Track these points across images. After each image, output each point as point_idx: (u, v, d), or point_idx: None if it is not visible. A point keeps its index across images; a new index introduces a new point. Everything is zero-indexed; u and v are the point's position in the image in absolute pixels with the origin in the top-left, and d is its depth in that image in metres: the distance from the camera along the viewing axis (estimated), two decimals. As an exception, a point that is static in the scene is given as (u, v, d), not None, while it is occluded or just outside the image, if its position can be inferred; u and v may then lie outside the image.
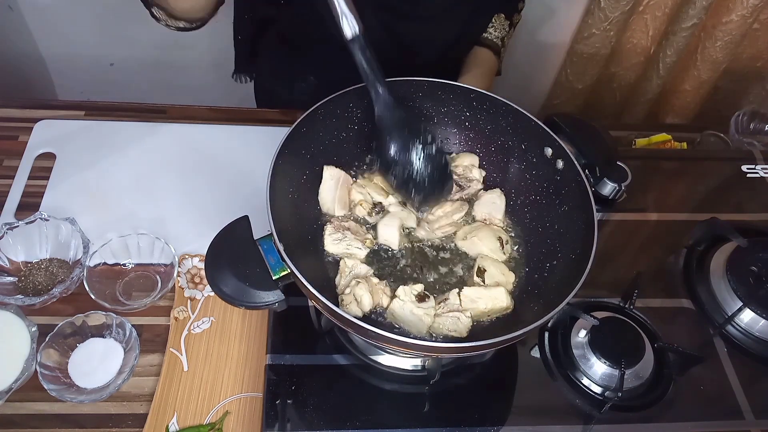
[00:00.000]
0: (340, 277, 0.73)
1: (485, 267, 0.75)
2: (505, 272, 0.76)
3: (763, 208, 1.01)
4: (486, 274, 0.74)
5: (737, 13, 1.44)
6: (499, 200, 0.82)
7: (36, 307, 0.82)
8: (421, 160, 0.75)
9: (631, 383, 0.77)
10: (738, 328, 0.85)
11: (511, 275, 0.76)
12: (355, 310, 0.69)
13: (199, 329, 0.83)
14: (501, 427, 0.74)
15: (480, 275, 0.75)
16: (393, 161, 0.76)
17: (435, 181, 0.77)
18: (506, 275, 0.76)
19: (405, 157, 0.75)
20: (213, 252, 0.66)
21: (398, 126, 0.75)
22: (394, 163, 0.76)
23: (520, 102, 0.80)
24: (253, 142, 1.04)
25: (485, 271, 0.75)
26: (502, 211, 0.82)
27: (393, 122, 0.74)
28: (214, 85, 1.62)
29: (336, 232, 0.76)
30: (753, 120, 1.17)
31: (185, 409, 0.76)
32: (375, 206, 0.80)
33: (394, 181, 0.78)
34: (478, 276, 0.75)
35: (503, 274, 0.75)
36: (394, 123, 0.75)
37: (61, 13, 1.53)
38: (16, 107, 1.06)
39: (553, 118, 0.84)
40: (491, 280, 0.74)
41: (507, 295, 0.72)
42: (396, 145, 0.75)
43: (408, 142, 0.75)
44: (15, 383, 0.74)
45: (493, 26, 1.13)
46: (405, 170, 0.76)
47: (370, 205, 0.80)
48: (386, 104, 0.73)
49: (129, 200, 0.96)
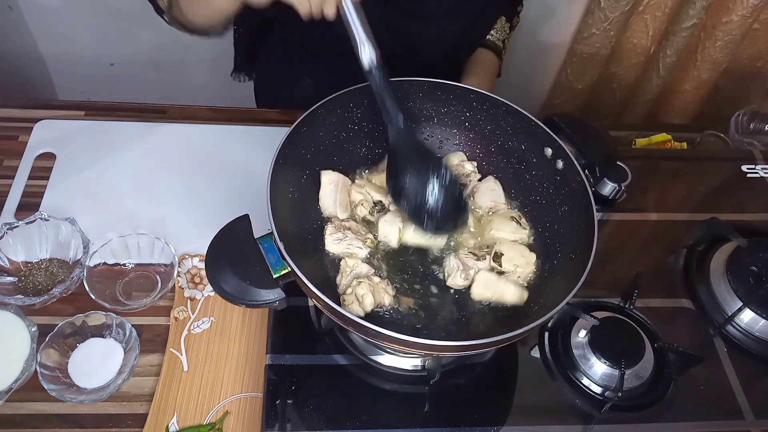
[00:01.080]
0: (341, 277, 0.73)
1: (502, 251, 0.75)
2: (525, 253, 0.76)
3: (763, 208, 1.01)
4: (503, 258, 0.74)
5: (737, 13, 1.44)
6: (496, 186, 0.83)
7: (36, 307, 0.82)
8: (435, 190, 0.73)
9: (631, 383, 0.77)
10: (738, 328, 0.85)
11: (532, 255, 0.76)
12: (357, 310, 0.69)
13: (199, 329, 0.83)
14: (501, 427, 0.74)
15: (497, 260, 0.75)
16: (405, 190, 0.74)
17: (449, 212, 0.75)
18: (526, 256, 0.75)
19: (418, 187, 0.73)
20: (214, 250, 0.66)
21: (412, 155, 0.74)
22: (406, 192, 0.74)
23: (520, 102, 0.80)
24: (253, 142, 1.04)
25: (502, 255, 0.75)
26: (502, 195, 0.82)
27: (407, 150, 0.74)
28: (214, 85, 1.63)
29: (336, 232, 0.76)
30: (753, 120, 1.17)
31: (185, 409, 0.76)
32: (376, 205, 0.80)
33: (406, 209, 0.75)
34: (495, 261, 0.75)
35: (522, 255, 0.75)
36: (408, 151, 0.74)
37: (61, 13, 1.53)
38: (16, 107, 1.06)
39: (553, 118, 0.84)
40: (509, 263, 0.74)
41: (517, 292, 0.72)
42: (409, 174, 0.74)
43: (421, 172, 0.73)
44: (15, 383, 0.74)
45: (495, 28, 1.14)
46: (417, 199, 0.74)
47: (371, 205, 0.80)
48: (400, 133, 0.73)
49: (129, 200, 0.96)
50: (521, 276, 0.74)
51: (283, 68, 1.20)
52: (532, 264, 0.76)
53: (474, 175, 0.84)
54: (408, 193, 0.74)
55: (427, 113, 0.85)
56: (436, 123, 0.85)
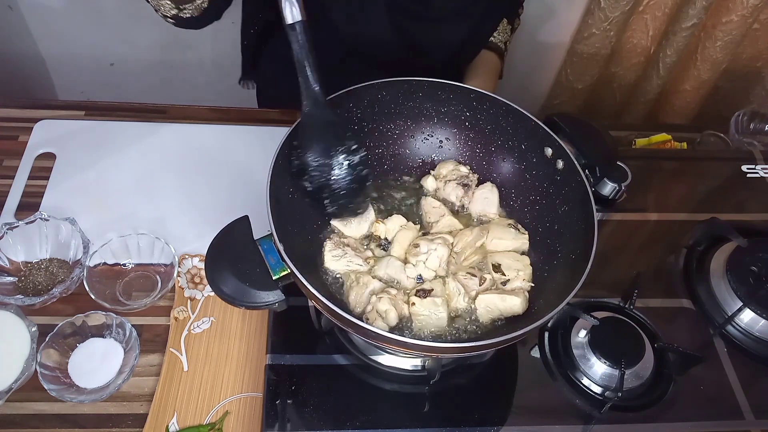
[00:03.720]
0: (354, 295, 0.72)
1: (498, 262, 0.75)
2: (518, 257, 0.76)
3: (763, 208, 1.01)
4: (503, 267, 0.74)
5: (737, 13, 1.44)
6: (491, 194, 0.82)
7: (36, 307, 0.82)
8: (343, 168, 0.70)
9: (631, 383, 0.77)
10: (738, 328, 0.85)
11: (525, 258, 0.76)
12: (382, 326, 0.68)
13: (199, 329, 0.83)
14: (501, 427, 0.74)
15: (497, 270, 0.74)
16: (311, 164, 0.70)
17: (351, 194, 0.72)
18: (521, 259, 0.76)
19: (323, 164, 0.70)
20: (213, 252, 0.66)
21: (324, 127, 0.70)
22: (309, 169, 0.70)
23: (520, 102, 0.80)
24: (253, 142, 1.04)
25: (500, 265, 0.75)
26: (496, 204, 0.82)
27: (320, 122, 0.70)
28: (215, 85, 1.63)
29: (335, 249, 0.75)
30: (753, 120, 1.17)
31: (185, 409, 0.76)
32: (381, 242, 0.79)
33: (309, 186, 0.71)
34: (496, 272, 0.74)
35: (517, 260, 0.76)
36: (321, 123, 0.70)
37: (61, 13, 1.53)
38: (16, 107, 1.06)
39: (553, 118, 0.84)
40: (510, 270, 0.74)
41: (520, 302, 0.72)
42: (318, 147, 0.70)
43: (330, 149, 0.70)
44: (15, 383, 0.74)
45: (497, 30, 1.14)
46: (322, 176, 0.70)
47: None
48: (317, 102, 0.69)
49: (129, 200, 0.95)
50: (525, 278, 0.74)
51: (284, 69, 1.19)
52: (528, 265, 0.76)
53: (472, 175, 0.84)
54: (312, 170, 0.70)
55: (427, 113, 0.85)
56: (436, 123, 0.85)
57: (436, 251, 0.74)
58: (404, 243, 0.77)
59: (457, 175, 0.83)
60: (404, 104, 0.83)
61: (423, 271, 0.74)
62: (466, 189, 0.82)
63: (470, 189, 0.83)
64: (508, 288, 0.74)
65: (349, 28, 0.65)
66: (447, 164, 0.85)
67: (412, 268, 0.74)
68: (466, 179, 0.83)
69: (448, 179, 0.83)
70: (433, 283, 0.73)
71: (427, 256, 0.74)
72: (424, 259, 0.74)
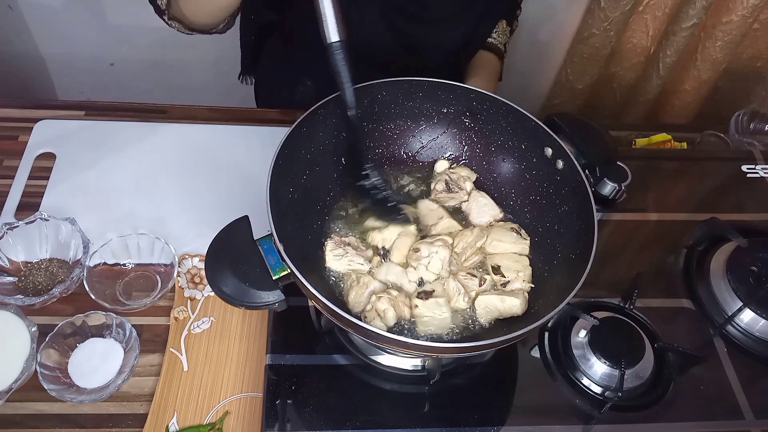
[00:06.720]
0: (354, 295, 0.72)
1: (497, 263, 0.75)
2: (517, 258, 0.76)
3: (763, 208, 1.01)
4: (502, 269, 0.74)
5: (737, 13, 1.44)
6: (486, 200, 0.82)
7: (36, 307, 0.82)
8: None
9: (631, 383, 0.77)
10: (738, 328, 0.85)
11: (524, 258, 0.76)
12: (380, 326, 0.68)
13: (199, 329, 0.83)
14: (501, 427, 0.74)
15: (497, 272, 0.74)
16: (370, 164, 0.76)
17: (389, 205, 0.78)
18: (520, 260, 0.76)
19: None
20: (213, 252, 0.66)
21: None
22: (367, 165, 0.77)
23: (520, 102, 0.79)
24: (253, 142, 1.04)
25: (500, 266, 0.75)
26: (495, 206, 0.82)
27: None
28: (215, 85, 1.63)
29: (337, 248, 0.75)
30: (753, 120, 1.17)
31: (185, 409, 0.76)
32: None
33: (367, 182, 0.78)
34: (496, 274, 0.75)
35: (516, 261, 0.76)
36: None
37: (61, 13, 1.53)
38: (16, 107, 1.06)
39: (553, 118, 0.84)
40: (510, 271, 0.74)
41: (519, 303, 0.71)
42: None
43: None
44: (15, 383, 0.74)
45: (496, 31, 1.15)
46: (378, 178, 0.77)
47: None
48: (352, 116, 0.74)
49: (129, 200, 0.96)
50: (525, 279, 0.74)
51: (283, 69, 1.20)
52: (528, 266, 0.76)
53: (463, 194, 0.83)
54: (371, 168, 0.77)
55: (427, 113, 0.85)
56: (436, 123, 0.85)
57: (438, 254, 0.74)
58: (404, 249, 0.76)
59: (451, 178, 0.83)
60: (404, 104, 0.83)
61: (424, 274, 0.74)
62: (448, 192, 0.82)
63: (452, 193, 0.82)
64: (507, 289, 0.74)
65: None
66: (463, 170, 0.85)
67: (413, 272, 0.74)
68: (458, 188, 0.83)
69: (447, 179, 0.83)
70: (434, 285, 0.73)
71: (429, 260, 0.74)
72: (426, 263, 0.74)
